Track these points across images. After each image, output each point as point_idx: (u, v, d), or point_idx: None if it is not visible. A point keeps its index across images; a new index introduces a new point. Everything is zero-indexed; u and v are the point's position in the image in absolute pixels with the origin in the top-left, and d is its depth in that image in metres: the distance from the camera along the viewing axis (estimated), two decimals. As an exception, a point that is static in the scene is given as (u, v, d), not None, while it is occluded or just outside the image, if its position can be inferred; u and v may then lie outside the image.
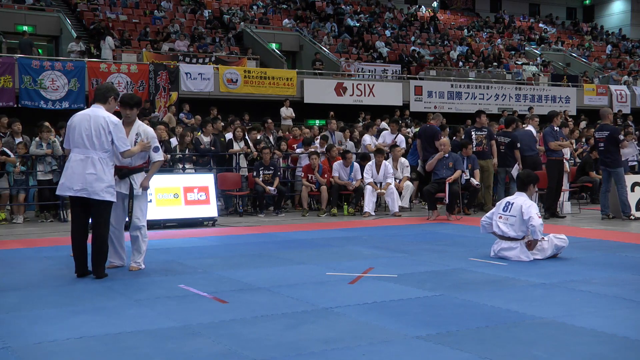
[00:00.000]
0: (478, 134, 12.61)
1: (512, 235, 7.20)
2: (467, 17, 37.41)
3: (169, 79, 19.61)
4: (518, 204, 7.22)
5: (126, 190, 6.64)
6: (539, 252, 7.21)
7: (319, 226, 10.74)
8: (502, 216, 7.30)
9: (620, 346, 4.11)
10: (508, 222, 7.23)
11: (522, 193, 7.42)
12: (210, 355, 3.96)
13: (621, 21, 41.38)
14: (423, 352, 4.00)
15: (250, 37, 25.17)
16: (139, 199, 6.74)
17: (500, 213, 7.33)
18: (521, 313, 4.85)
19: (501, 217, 7.31)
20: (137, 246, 6.76)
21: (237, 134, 13.20)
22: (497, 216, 7.36)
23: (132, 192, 6.63)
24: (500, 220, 7.30)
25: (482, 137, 12.57)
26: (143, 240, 6.77)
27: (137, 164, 6.70)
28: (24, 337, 4.36)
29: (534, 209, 7.12)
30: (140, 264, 6.74)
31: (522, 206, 7.15)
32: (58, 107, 18.06)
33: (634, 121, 23.37)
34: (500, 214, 7.33)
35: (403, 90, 23.74)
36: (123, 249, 6.87)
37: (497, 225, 7.31)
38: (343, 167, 12.57)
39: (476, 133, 12.62)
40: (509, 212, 7.25)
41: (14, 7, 22.59)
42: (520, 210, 7.13)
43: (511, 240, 7.21)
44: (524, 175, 7.64)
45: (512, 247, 7.19)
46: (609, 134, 11.17)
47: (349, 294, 5.55)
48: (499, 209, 7.40)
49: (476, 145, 12.45)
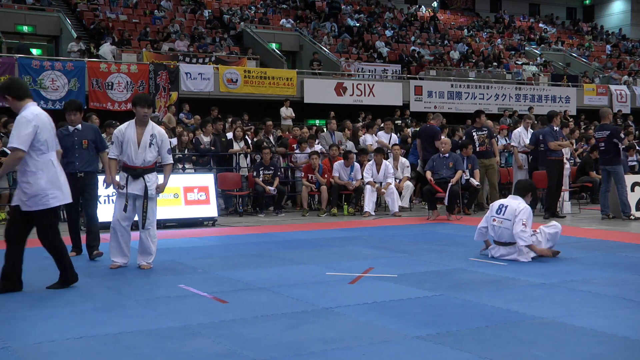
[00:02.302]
0: (479, 134, 12.66)
1: (506, 240, 7.14)
2: (467, 17, 37.40)
3: (169, 79, 19.60)
4: (512, 207, 7.13)
5: (139, 191, 6.69)
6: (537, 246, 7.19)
7: (319, 226, 10.74)
8: (495, 219, 7.24)
9: (620, 346, 4.10)
10: (502, 226, 7.14)
11: (517, 197, 7.37)
12: (210, 355, 3.96)
13: (621, 21, 41.37)
14: (423, 352, 4.00)
15: (250, 37, 25.17)
16: (152, 201, 6.79)
17: (494, 216, 7.26)
18: (521, 313, 4.85)
19: (495, 219, 7.24)
20: (147, 246, 6.80)
21: (237, 134, 13.21)
22: (491, 219, 7.31)
23: (147, 193, 6.69)
24: (494, 223, 7.23)
25: (484, 137, 12.64)
26: (153, 241, 6.81)
27: (150, 164, 6.80)
28: (24, 337, 4.36)
29: (524, 215, 7.02)
30: (151, 263, 6.81)
31: (515, 209, 7.08)
32: (58, 107, 18.00)
33: (634, 121, 23.36)
34: (494, 217, 7.26)
35: (403, 90, 23.74)
36: (128, 248, 6.89)
37: (492, 227, 7.27)
38: (343, 167, 12.57)
39: (477, 133, 12.67)
40: (503, 215, 7.16)
41: (14, 7, 22.58)
42: (514, 214, 7.07)
43: (506, 245, 7.16)
44: (525, 184, 7.57)
45: (510, 252, 7.15)
46: (609, 133, 11.19)
47: (349, 294, 5.55)
48: (492, 211, 7.34)
49: (479, 145, 12.52)
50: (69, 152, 7.66)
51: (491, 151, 12.71)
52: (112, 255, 6.88)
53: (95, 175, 7.89)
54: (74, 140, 7.74)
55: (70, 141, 7.71)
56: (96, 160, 7.90)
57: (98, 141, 7.86)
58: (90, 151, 7.78)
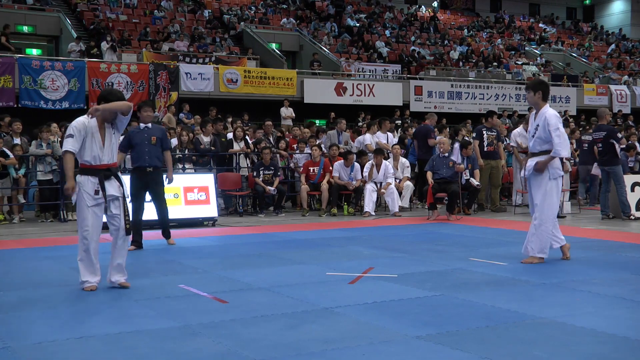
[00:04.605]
0: (489, 133, 12.72)
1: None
2: (467, 17, 37.39)
3: (169, 78, 19.61)
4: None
5: (115, 191, 5.75)
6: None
7: (319, 226, 10.74)
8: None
9: (620, 346, 4.10)
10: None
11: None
12: (210, 355, 3.96)
13: (621, 21, 41.36)
14: (423, 352, 4.00)
15: (250, 37, 25.17)
16: (125, 200, 5.93)
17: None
18: (521, 313, 4.85)
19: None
20: (122, 255, 5.82)
21: (237, 134, 13.21)
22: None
23: (124, 192, 5.87)
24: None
25: (493, 137, 12.68)
26: (127, 248, 5.95)
27: (115, 160, 5.90)
28: (24, 337, 4.36)
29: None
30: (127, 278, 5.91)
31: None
32: (58, 107, 18.06)
33: (634, 121, 23.36)
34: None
35: (403, 90, 23.74)
36: (98, 263, 5.82)
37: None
38: (344, 167, 12.57)
39: (487, 133, 12.72)
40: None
41: (14, 7, 22.57)
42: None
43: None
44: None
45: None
46: (606, 134, 11.20)
47: (349, 294, 5.55)
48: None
49: (487, 144, 12.56)
50: (140, 148, 8.30)
51: (498, 153, 12.76)
52: (84, 275, 5.71)
53: (161, 170, 8.48)
54: (144, 137, 8.33)
55: (140, 137, 8.33)
56: (162, 157, 8.50)
57: (164, 140, 8.55)
58: (158, 148, 8.40)
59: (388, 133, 14.37)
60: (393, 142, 14.01)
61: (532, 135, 6.98)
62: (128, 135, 8.57)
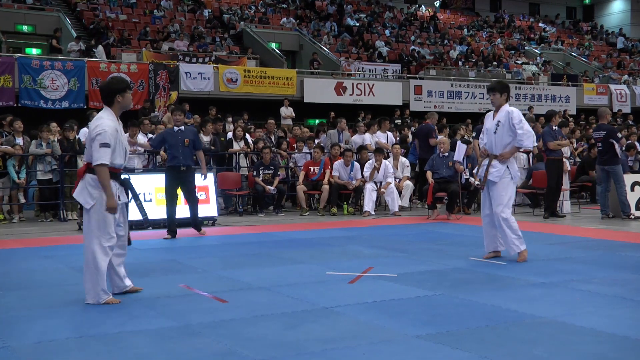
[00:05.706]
0: None
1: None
2: (467, 16, 37.39)
3: (169, 78, 19.61)
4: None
5: (125, 197, 5.48)
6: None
7: (319, 226, 10.74)
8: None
9: (620, 346, 4.10)
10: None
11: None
12: (210, 355, 3.96)
13: (621, 21, 41.35)
14: (423, 352, 4.00)
15: (250, 36, 25.16)
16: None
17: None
18: (521, 313, 4.85)
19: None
20: (123, 262, 5.64)
21: (237, 134, 13.20)
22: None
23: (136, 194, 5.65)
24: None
25: None
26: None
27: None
28: (24, 337, 4.36)
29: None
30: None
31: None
32: (58, 106, 18.06)
33: (634, 120, 23.35)
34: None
35: (403, 90, 23.73)
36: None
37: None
38: (343, 167, 12.56)
39: None
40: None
41: (13, 7, 22.57)
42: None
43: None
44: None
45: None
46: (606, 133, 11.20)
47: (349, 294, 5.54)
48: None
49: None
50: (174, 149, 9.23)
51: None
52: (101, 292, 5.22)
53: (193, 168, 9.46)
54: (178, 139, 9.25)
55: (175, 139, 9.26)
56: (193, 157, 9.51)
57: (196, 141, 9.45)
58: (190, 149, 9.34)
59: (388, 133, 14.36)
60: (393, 142, 14.00)
61: (494, 132, 7.11)
62: (163, 135, 9.63)
